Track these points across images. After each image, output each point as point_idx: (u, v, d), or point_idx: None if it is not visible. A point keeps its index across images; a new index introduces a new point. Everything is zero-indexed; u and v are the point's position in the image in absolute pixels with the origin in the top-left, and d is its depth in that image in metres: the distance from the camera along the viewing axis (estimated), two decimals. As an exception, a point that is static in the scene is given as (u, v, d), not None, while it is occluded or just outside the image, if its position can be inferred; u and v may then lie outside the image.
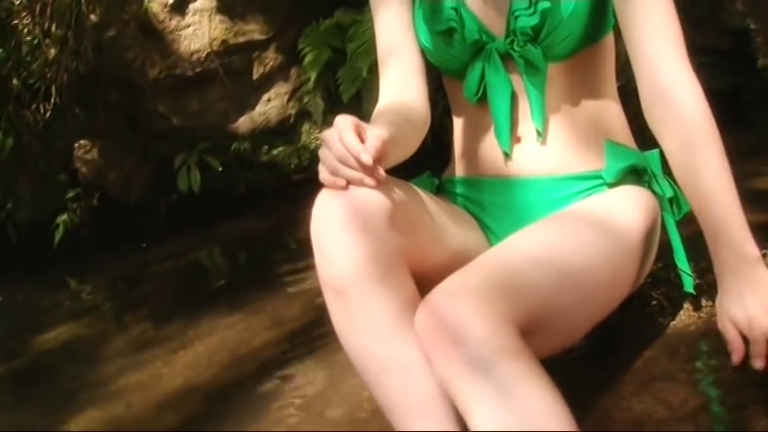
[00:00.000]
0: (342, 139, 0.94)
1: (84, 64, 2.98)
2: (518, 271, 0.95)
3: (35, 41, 2.92)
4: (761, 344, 0.96)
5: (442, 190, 1.27)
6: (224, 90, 3.38)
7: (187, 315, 2.17)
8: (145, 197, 3.54)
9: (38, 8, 2.91)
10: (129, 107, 3.36)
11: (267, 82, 3.47)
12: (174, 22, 3.25)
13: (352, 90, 3.25)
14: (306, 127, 3.51)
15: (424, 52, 1.21)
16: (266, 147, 3.52)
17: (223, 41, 3.32)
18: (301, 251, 3.04)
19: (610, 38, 1.19)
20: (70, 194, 3.32)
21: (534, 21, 1.09)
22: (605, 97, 1.20)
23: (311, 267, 2.71)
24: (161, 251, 3.16)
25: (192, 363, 1.79)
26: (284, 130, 3.52)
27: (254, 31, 3.41)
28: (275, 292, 2.31)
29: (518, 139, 1.17)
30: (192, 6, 3.29)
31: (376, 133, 0.96)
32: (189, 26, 3.28)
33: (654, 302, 1.20)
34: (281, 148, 3.53)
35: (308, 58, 3.34)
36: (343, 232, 0.94)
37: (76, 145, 3.26)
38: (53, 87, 3.00)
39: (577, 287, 0.99)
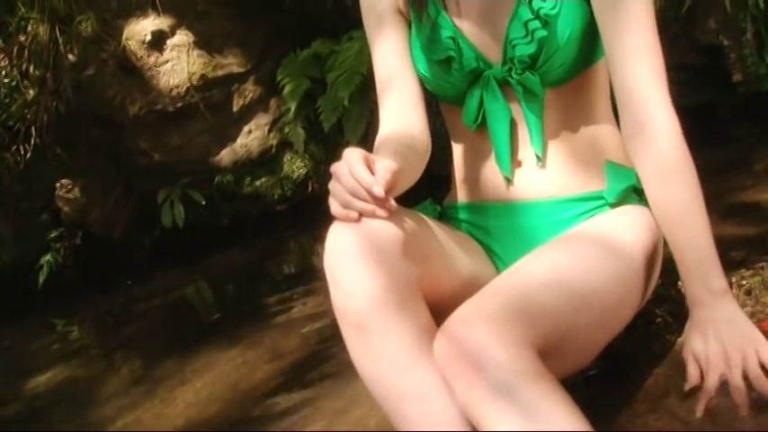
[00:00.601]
0: (352, 172, 0.96)
1: (64, 104, 2.97)
2: (532, 295, 0.96)
3: (13, 83, 2.90)
4: (712, 386, 0.99)
5: (445, 216, 1.29)
6: (205, 124, 3.39)
7: (181, 352, 2.15)
8: (128, 233, 3.51)
9: (15, 50, 2.90)
10: (110, 144, 3.35)
11: (247, 114, 3.49)
12: (152, 59, 3.25)
13: (332, 119, 3.28)
14: (288, 157, 3.53)
15: (422, 81, 1.23)
16: (249, 178, 3.53)
17: (202, 76, 3.34)
18: (287, 281, 3.04)
19: (603, 61, 1.22)
20: (53, 234, 3.29)
21: (532, 49, 1.12)
22: (601, 119, 1.23)
23: (298, 297, 2.71)
24: (147, 288, 3.13)
25: (192, 401, 1.77)
26: (266, 161, 3.53)
27: (232, 64, 3.43)
28: (268, 324, 2.30)
29: (519, 164, 1.19)
30: (169, 42, 3.30)
31: (385, 165, 0.97)
32: (167, 62, 3.29)
33: (659, 319, 1.22)
34: (263, 179, 3.54)
35: (287, 89, 3.37)
36: (358, 264, 0.95)
37: (58, 184, 3.23)
38: (33, 128, 2.99)
39: (589, 307, 1.01)
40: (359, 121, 3.21)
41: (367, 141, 3.30)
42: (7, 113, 2.93)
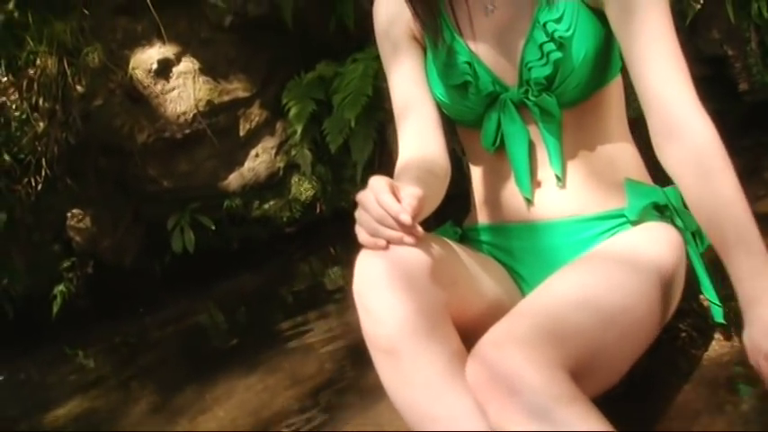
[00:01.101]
0: (380, 200, 0.97)
1: (74, 135, 2.99)
2: (560, 316, 0.97)
3: (23, 116, 2.92)
4: None
5: (466, 238, 1.30)
6: (212, 149, 3.40)
7: (200, 380, 2.15)
8: (139, 261, 3.52)
9: (24, 83, 2.93)
10: (118, 173, 3.36)
11: (254, 138, 3.50)
12: (158, 87, 3.27)
13: (339, 140, 3.30)
14: (295, 179, 3.54)
15: (439, 105, 1.25)
16: (257, 202, 3.54)
17: (208, 102, 3.35)
18: (299, 304, 3.05)
19: (618, 78, 1.23)
20: (65, 264, 3.30)
21: (547, 71, 1.13)
22: (619, 136, 1.24)
23: (311, 319, 2.71)
24: (160, 315, 3.13)
25: (215, 429, 1.77)
26: (274, 184, 3.54)
27: (237, 89, 3.45)
28: (285, 348, 2.30)
29: (538, 184, 1.20)
30: (175, 70, 3.32)
31: (411, 192, 0.98)
32: (174, 89, 3.31)
33: (683, 334, 1.22)
34: (272, 202, 3.55)
35: (292, 112, 3.38)
36: (388, 291, 0.96)
37: (69, 214, 3.25)
38: (43, 160, 3.00)
39: (617, 326, 1.01)
40: (366, 141, 3.23)
41: (374, 161, 3.32)
42: (18, 146, 2.95)
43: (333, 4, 3.30)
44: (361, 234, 1.00)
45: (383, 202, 0.96)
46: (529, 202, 1.19)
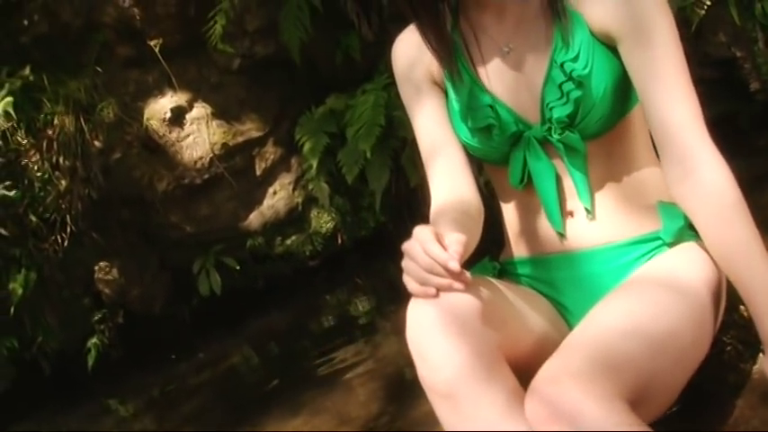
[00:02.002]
0: (427, 250, 0.99)
1: (96, 190, 3.04)
2: (612, 347, 0.99)
3: (46, 176, 2.98)
4: None
5: (505, 272, 1.32)
6: (231, 190, 3.45)
7: (245, 426, 2.17)
8: (168, 306, 3.55)
9: (44, 144, 2.98)
10: (142, 223, 3.41)
11: (271, 175, 3.54)
12: (174, 135, 3.33)
13: (355, 171, 3.33)
14: (314, 212, 3.57)
15: (464, 146, 1.27)
16: (279, 238, 3.57)
17: (223, 144, 3.40)
18: (329, 336, 3.07)
19: (639, 104, 1.25)
20: (96, 317, 3.34)
21: (568, 110, 1.15)
22: (645, 160, 1.26)
23: (343, 352, 2.73)
24: (194, 361, 3.16)
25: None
26: (294, 219, 3.58)
27: (250, 129, 3.49)
28: (324, 386, 2.32)
29: (570, 215, 1.22)
30: (188, 116, 3.37)
31: (455, 239, 1.01)
32: (189, 135, 3.36)
33: (729, 348, 1.23)
34: (293, 237, 3.58)
35: (306, 147, 3.42)
36: (443, 338, 0.98)
37: (96, 267, 3.29)
38: (68, 217, 3.05)
39: (667, 351, 1.03)
40: (382, 169, 3.26)
41: (392, 189, 3.35)
42: (43, 206, 3.00)
43: (337, 37, 3.35)
44: (411, 284, 1.02)
45: (430, 251, 0.99)
46: (561, 235, 1.21)
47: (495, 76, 1.21)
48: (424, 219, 1.18)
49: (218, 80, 3.43)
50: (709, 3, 2.41)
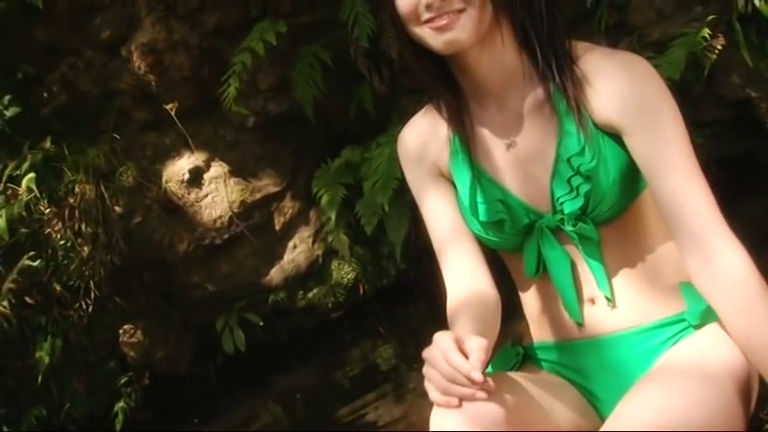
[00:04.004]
0: (448, 359, 0.98)
1: (118, 255, 3.06)
2: (647, 442, 0.97)
3: (69, 244, 3.01)
4: None
5: (528, 357, 1.30)
6: (251, 247, 3.46)
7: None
8: (193, 366, 3.56)
9: (66, 212, 3.02)
10: (164, 284, 3.43)
11: (290, 229, 3.56)
12: (192, 195, 3.36)
13: (373, 222, 3.34)
14: (335, 264, 3.58)
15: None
16: (301, 292, 3.57)
17: (241, 202, 3.43)
18: (355, 389, 3.05)
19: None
20: (122, 380, 3.35)
21: (579, 203, 1.15)
22: (661, 238, 1.24)
23: (370, 404, 2.70)
24: (223, 421, 3.15)
25: None
26: (315, 272, 3.58)
27: (268, 185, 3.52)
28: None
29: (591, 301, 1.21)
30: (206, 176, 3.41)
31: (477, 345, 1.00)
32: (207, 195, 3.39)
33: (767, 426, 1.21)
34: (315, 290, 3.58)
35: (324, 200, 3.44)
36: (468, 450, 0.97)
37: (121, 331, 3.31)
38: (91, 283, 3.08)
39: (703, 443, 1.01)
40: (400, 222, 3.26)
41: (410, 240, 3.34)
42: (66, 274, 3.03)
43: (350, 90, 3.37)
44: (433, 392, 1.01)
45: (452, 360, 0.98)
46: (581, 325, 1.20)
47: (501, 169, 1.21)
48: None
49: (234, 138, 3.47)
50: (720, 46, 2.40)
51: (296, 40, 3.15)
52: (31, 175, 2.83)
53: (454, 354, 0.98)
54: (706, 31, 2.34)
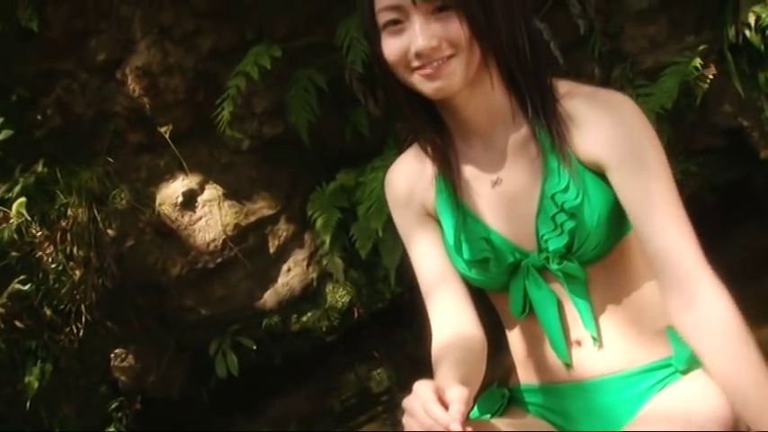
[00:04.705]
0: (427, 411, 0.97)
1: (110, 279, 3.05)
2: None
3: (60, 267, 2.99)
4: None
5: (514, 399, 1.29)
6: (245, 270, 3.44)
7: None
8: (185, 389, 3.54)
9: (58, 235, 3.00)
10: (156, 307, 3.41)
11: (284, 252, 3.54)
12: (186, 219, 3.34)
13: (368, 246, 3.32)
14: (329, 287, 3.56)
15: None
16: (295, 315, 3.55)
17: (235, 225, 3.41)
18: (349, 414, 3.03)
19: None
20: (113, 405, 3.32)
21: (563, 240, 1.14)
22: (650, 280, 1.23)
23: (362, 425, 2.66)
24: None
25: None
26: (309, 295, 3.56)
27: (262, 207, 3.50)
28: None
29: (578, 344, 1.20)
30: (200, 199, 3.39)
31: (458, 396, 0.98)
32: (201, 218, 3.38)
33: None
34: (309, 314, 3.56)
35: (319, 223, 3.42)
36: (447, 501, 0.95)
37: (112, 355, 3.29)
38: (83, 306, 3.06)
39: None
40: (395, 246, 3.24)
41: (405, 264, 3.33)
42: (57, 298, 3.01)
43: (345, 114, 3.37)
44: (411, 443, 1.00)
45: (431, 412, 0.96)
46: (568, 366, 1.19)
47: (487, 206, 1.20)
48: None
49: (229, 160, 3.46)
50: (711, 76, 2.41)
51: (291, 63, 3.15)
52: (22, 199, 2.82)
53: (433, 405, 0.96)
54: (698, 61, 2.34)
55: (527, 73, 1.13)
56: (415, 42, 1.08)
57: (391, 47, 1.11)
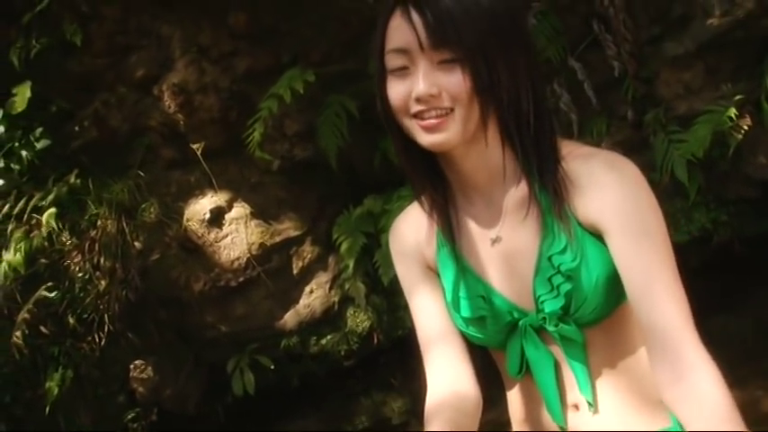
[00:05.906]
0: None
1: (133, 291, 3.09)
2: None
3: (86, 276, 3.05)
4: None
5: (509, 459, 1.27)
6: (267, 290, 3.46)
7: None
8: (201, 405, 3.56)
9: (87, 245, 3.06)
10: (177, 322, 3.44)
11: (307, 274, 3.55)
12: (212, 235, 3.38)
13: (391, 273, 3.31)
14: (350, 312, 3.55)
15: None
16: (314, 338, 3.55)
17: (261, 244, 3.44)
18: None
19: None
20: (130, 415, 3.36)
21: (560, 303, 1.11)
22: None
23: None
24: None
25: None
26: (330, 319, 3.56)
27: (288, 228, 3.52)
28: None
29: (575, 407, 1.17)
30: (227, 216, 3.43)
31: None
32: (227, 236, 3.41)
33: None
34: (329, 337, 3.56)
35: (343, 247, 3.43)
36: None
37: (132, 366, 3.33)
38: (106, 317, 3.10)
39: None
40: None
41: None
42: (82, 306, 3.06)
43: (375, 140, 3.38)
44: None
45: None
46: (563, 430, 1.16)
47: (486, 264, 1.18)
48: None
49: (258, 180, 3.49)
50: (746, 126, 2.36)
51: (324, 88, 3.18)
52: (52, 210, 2.88)
53: None
54: (733, 111, 2.30)
55: (525, 135, 1.11)
56: (417, 87, 1.07)
57: (395, 90, 1.11)
